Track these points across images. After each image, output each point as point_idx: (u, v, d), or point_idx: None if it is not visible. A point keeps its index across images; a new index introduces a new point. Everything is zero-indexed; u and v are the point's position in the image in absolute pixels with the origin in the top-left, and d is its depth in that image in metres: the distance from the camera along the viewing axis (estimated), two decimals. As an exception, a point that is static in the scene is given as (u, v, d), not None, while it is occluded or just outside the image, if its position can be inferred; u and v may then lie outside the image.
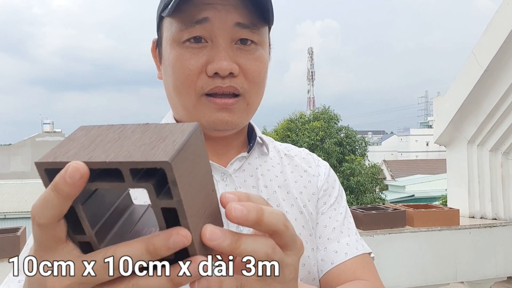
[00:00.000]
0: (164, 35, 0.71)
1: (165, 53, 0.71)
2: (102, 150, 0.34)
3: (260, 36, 0.70)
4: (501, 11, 2.10)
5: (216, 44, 0.67)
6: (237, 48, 0.68)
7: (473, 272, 2.26)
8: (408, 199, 20.31)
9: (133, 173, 0.33)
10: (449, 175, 2.68)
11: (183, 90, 0.69)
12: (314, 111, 18.48)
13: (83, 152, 0.34)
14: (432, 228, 2.20)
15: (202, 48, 0.67)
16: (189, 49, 0.67)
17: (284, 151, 0.87)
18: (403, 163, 32.48)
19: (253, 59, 0.69)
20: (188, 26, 0.66)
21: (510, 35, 2.05)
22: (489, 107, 2.30)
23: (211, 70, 0.66)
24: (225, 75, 0.66)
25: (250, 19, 0.67)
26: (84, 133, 0.38)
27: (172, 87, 0.71)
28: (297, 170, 0.84)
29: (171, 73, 0.69)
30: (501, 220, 2.40)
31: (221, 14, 0.66)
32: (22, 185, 16.97)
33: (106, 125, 0.39)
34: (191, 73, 0.67)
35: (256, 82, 0.70)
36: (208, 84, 0.67)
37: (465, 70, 2.34)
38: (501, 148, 2.44)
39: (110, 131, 0.38)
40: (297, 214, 0.77)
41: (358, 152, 17.37)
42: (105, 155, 0.33)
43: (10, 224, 11.89)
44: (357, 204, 14.58)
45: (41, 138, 25.81)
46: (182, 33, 0.67)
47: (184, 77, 0.68)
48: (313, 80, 61.72)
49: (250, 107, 0.72)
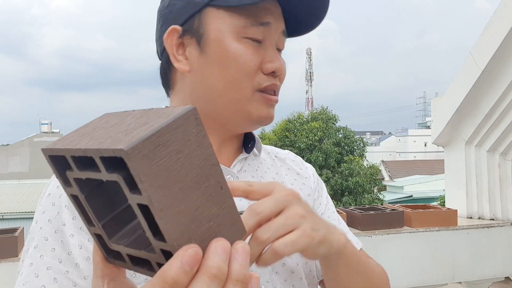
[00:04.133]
0: (213, 25, 0.69)
1: (216, 44, 0.69)
2: (90, 137, 0.33)
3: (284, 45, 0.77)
4: (499, 12, 2.11)
5: (269, 46, 0.71)
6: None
7: (471, 273, 2.26)
8: (406, 199, 20.32)
9: (105, 162, 0.31)
10: (447, 176, 2.68)
11: (241, 84, 0.70)
12: (312, 112, 18.48)
13: (77, 139, 0.34)
14: (430, 228, 2.21)
15: (258, 47, 0.70)
16: (251, 46, 0.70)
17: (274, 153, 0.88)
18: (401, 164, 32.52)
19: (283, 64, 0.74)
20: (253, 24, 0.69)
21: (508, 36, 2.05)
22: (487, 107, 2.31)
23: (269, 69, 0.70)
24: (279, 74, 0.72)
25: (288, 29, 0.75)
26: (99, 120, 0.38)
27: (224, 80, 0.69)
28: (290, 172, 0.85)
29: (228, 65, 0.69)
30: (498, 221, 2.41)
31: (277, 21, 0.71)
32: (20, 186, 16.93)
33: (122, 112, 0.38)
34: (251, 69, 0.70)
35: (281, 84, 0.76)
36: (264, 81, 0.71)
37: (463, 71, 2.35)
38: (499, 148, 2.44)
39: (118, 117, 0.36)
40: None
41: (356, 152, 17.38)
42: (87, 142, 0.32)
43: (8, 225, 11.86)
44: (355, 204, 14.58)
45: (39, 138, 25.76)
46: (247, 29, 0.69)
47: (245, 72, 0.69)
48: (312, 80, 61.72)
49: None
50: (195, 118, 0.33)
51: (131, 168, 0.29)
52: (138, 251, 0.34)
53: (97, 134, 0.33)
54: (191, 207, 0.32)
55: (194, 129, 0.33)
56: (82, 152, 0.31)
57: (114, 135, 0.31)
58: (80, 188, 0.34)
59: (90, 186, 0.35)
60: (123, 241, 0.36)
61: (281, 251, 0.50)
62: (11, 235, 1.77)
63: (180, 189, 0.31)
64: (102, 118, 0.37)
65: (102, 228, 0.35)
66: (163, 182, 0.30)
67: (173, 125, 0.31)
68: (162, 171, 0.30)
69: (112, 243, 0.36)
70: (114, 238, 0.36)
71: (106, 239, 0.36)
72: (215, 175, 0.34)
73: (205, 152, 0.33)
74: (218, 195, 0.34)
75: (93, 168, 0.32)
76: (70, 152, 0.32)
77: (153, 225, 0.31)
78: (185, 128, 0.32)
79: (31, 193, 15.86)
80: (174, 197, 0.31)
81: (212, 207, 0.34)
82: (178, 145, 0.31)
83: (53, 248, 0.62)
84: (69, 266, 0.61)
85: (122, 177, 0.30)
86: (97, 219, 0.35)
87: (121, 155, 0.28)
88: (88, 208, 0.35)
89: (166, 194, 0.30)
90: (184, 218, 0.32)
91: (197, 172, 0.33)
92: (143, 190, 0.29)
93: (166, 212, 0.30)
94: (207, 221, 0.34)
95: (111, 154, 0.29)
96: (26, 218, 14.20)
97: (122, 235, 0.36)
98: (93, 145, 0.31)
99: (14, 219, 14.48)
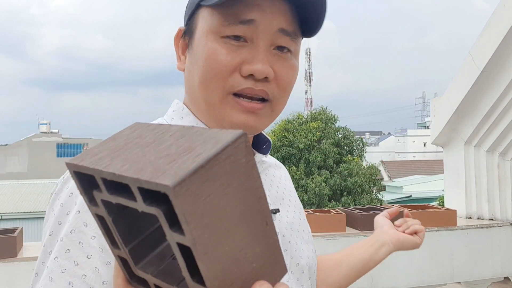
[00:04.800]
0: (199, 25, 0.67)
1: (198, 44, 0.67)
2: (124, 158, 0.30)
3: (296, 46, 0.68)
4: (498, 12, 2.11)
5: (256, 46, 0.64)
6: (274, 54, 0.66)
7: (470, 273, 2.26)
8: (406, 199, 20.34)
9: (144, 193, 0.27)
10: (446, 176, 2.68)
11: (211, 84, 0.65)
12: (311, 112, 18.47)
13: (107, 157, 0.30)
14: (429, 228, 2.21)
15: (240, 46, 0.64)
16: (227, 45, 0.64)
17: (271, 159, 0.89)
18: (400, 164, 32.53)
19: (288, 67, 0.67)
20: (231, 23, 0.63)
21: (507, 37, 2.06)
22: (486, 108, 2.31)
23: (246, 71, 0.64)
24: (260, 78, 0.64)
25: (294, 27, 0.66)
26: (129, 132, 0.34)
27: (198, 80, 0.67)
28: (287, 179, 0.87)
29: (202, 65, 0.66)
30: (497, 221, 2.41)
31: (267, 17, 0.63)
32: (18, 186, 16.90)
33: (155, 124, 0.34)
34: (224, 69, 0.64)
35: (286, 90, 0.69)
36: (239, 83, 0.64)
37: (462, 71, 2.35)
38: (498, 149, 2.44)
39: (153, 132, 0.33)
40: (298, 219, 0.81)
41: (355, 152, 17.37)
42: (121, 165, 0.29)
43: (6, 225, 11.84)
44: (354, 205, 14.59)
45: (38, 138, 25.73)
46: (223, 28, 0.64)
47: (215, 72, 0.64)
48: (311, 80, 61.76)
49: (274, 113, 0.70)
50: (245, 146, 0.29)
51: (176, 206, 0.25)
52: (169, 285, 0.32)
53: (132, 155, 0.30)
54: (235, 248, 0.29)
55: (244, 158, 0.29)
56: (116, 177, 0.28)
57: (154, 161, 0.28)
58: (108, 210, 0.32)
59: (118, 209, 0.32)
60: (150, 269, 0.33)
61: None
62: (9, 235, 1.76)
63: (226, 228, 0.28)
64: (134, 130, 0.34)
65: (128, 253, 0.33)
66: (208, 221, 0.27)
67: (222, 156, 0.27)
68: (208, 209, 0.27)
69: (138, 269, 0.34)
70: (140, 264, 0.34)
71: (132, 264, 0.34)
72: (262, 210, 0.31)
73: (254, 184, 0.30)
74: (263, 233, 0.31)
75: (126, 195, 0.29)
76: (101, 174, 0.29)
77: (191, 264, 0.28)
78: (235, 158, 0.28)
79: (30, 193, 15.83)
80: (219, 238, 0.28)
81: (256, 246, 0.31)
82: (226, 178, 0.28)
83: (68, 249, 0.57)
84: (87, 270, 0.56)
85: (163, 212, 0.27)
86: (124, 243, 0.33)
87: (166, 191, 0.25)
88: (114, 231, 0.33)
89: (211, 236, 0.27)
90: (227, 261, 0.29)
91: (243, 208, 0.29)
92: (187, 232, 0.26)
93: (209, 255, 0.27)
94: (250, 263, 0.30)
95: (154, 188, 0.25)
96: (24, 218, 14.19)
97: (149, 261, 0.34)
98: (130, 172, 0.27)
99: (13, 219, 14.46)
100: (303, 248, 0.76)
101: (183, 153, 0.27)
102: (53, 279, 0.56)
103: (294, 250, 0.74)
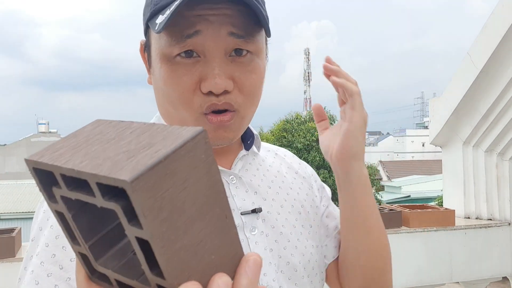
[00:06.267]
0: (152, 45, 0.67)
1: (154, 66, 0.67)
2: (83, 154, 0.30)
3: (255, 45, 0.66)
4: (496, 12, 2.12)
5: (209, 59, 0.63)
6: (231, 61, 0.64)
7: (469, 272, 2.26)
8: (404, 199, 20.36)
9: (102, 188, 0.27)
10: (445, 176, 2.69)
11: (181, 106, 0.65)
12: (310, 112, 18.49)
13: (67, 154, 0.30)
14: (428, 228, 2.21)
15: (194, 63, 0.63)
16: (181, 65, 0.63)
17: (274, 150, 0.88)
18: (399, 164, 32.57)
19: (248, 71, 0.66)
20: (178, 40, 0.62)
21: (505, 37, 2.06)
22: (485, 108, 2.31)
23: (205, 89, 0.63)
24: (219, 93, 0.63)
25: (244, 29, 0.63)
26: (91, 128, 0.34)
27: (167, 102, 0.67)
28: (290, 171, 0.85)
29: (164, 88, 0.66)
30: (496, 221, 2.41)
31: (214, 26, 0.61)
32: (17, 186, 16.89)
33: (116, 121, 0.34)
34: (185, 90, 0.64)
35: (251, 95, 0.67)
36: (204, 101, 0.64)
37: (460, 71, 2.35)
38: (496, 149, 2.45)
39: (114, 128, 0.33)
40: (297, 214, 0.78)
41: (354, 152, 17.36)
42: (80, 161, 0.29)
43: (5, 225, 11.80)
44: (353, 204, 14.57)
45: (37, 138, 25.71)
46: (172, 48, 0.62)
47: (179, 94, 0.64)
48: (310, 81, 61.76)
49: (245, 120, 0.69)
50: (205, 142, 0.29)
51: (134, 201, 0.26)
52: (130, 280, 0.32)
53: (92, 150, 0.30)
54: (193, 241, 0.29)
55: (203, 154, 0.29)
56: (75, 173, 0.28)
57: (113, 157, 0.28)
58: (67, 206, 0.32)
59: (78, 205, 0.32)
60: (111, 264, 0.33)
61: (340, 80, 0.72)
62: (8, 235, 1.76)
63: (184, 222, 0.29)
64: (95, 127, 0.34)
65: (88, 249, 0.33)
66: (166, 215, 0.27)
67: (181, 151, 0.28)
68: (166, 203, 0.27)
69: (99, 265, 0.34)
70: (101, 260, 0.33)
71: (92, 260, 0.34)
72: (221, 204, 0.31)
73: (213, 179, 0.30)
74: (222, 225, 0.32)
75: (85, 190, 0.29)
76: (61, 170, 0.29)
77: (150, 258, 0.29)
78: (194, 153, 0.29)
79: (29, 193, 15.82)
80: (177, 231, 0.28)
81: (214, 238, 0.31)
82: (185, 173, 0.28)
83: (54, 254, 0.60)
84: (71, 273, 0.59)
85: (121, 207, 0.27)
86: (84, 240, 0.33)
87: (123, 186, 0.25)
88: (74, 228, 0.32)
89: (168, 229, 0.28)
90: (186, 254, 0.29)
91: (202, 202, 0.30)
92: (145, 225, 0.26)
93: (168, 248, 0.28)
94: (209, 255, 0.31)
95: (112, 183, 0.26)
96: (23, 218, 14.17)
97: (110, 257, 0.34)
98: (89, 168, 0.27)
99: (12, 219, 14.45)
100: (297, 246, 0.74)
101: (142, 149, 0.28)
102: (39, 282, 0.59)
103: (283, 249, 0.72)
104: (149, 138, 0.29)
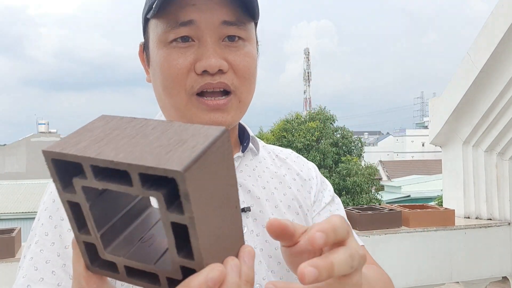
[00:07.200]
0: (150, 37, 0.71)
1: (152, 55, 0.70)
2: (113, 147, 0.31)
3: (247, 32, 0.69)
4: (496, 12, 2.12)
5: (204, 43, 0.66)
6: (225, 46, 0.67)
7: (468, 272, 2.27)
8: (404, 199, 20.36)
9: (143, 178, 0.30)
10: (444, 176, 2.69)
11: (173, 90, 0.68)
12: (310, 112, 18.51)
13: (93, 146, 0.32)
14: (428, 228, 2.21)
15: (189, 47, 0.66)
16: (176, 49, 0.66)
17: (275, 152, 0.88)
18: (399, 164, 32.58)
19: (242, 55, 0.68)
20: (173, 27, 0.66)
21: (505, 36, 2.06)
22: (484, 107, 2.31)
23: (199, 68, 0.65)
24: (214, 72, 0.65)
25: (236, 16, 0.67)
26: (102, 123, 0.36)
27: (161, 88, 0.70)
28: (290, 172, 0.85)
29: (160, 73, 0.69)
30: (496, 221, 2.41)
31: (206, 15, 0.65)
32: (17, 186, 16.88)
33: (128, 117, 0.36)
34: (179, 72, 0.66)
35: (247, 78, 0.69)
36: (197, 82, 0.66)
37: (460, 71, 2.35)
38: (496, 148, 2.45)
39: (130, 125, 0.35)
40: (294, 215, 0.78)
41: (354, 152, 17.40)
42: (115, 153, 0.30)
43: (5, 225, 11.82)
44: (353, 204, 14.60)
45: (36, 138, 25.69)
46: (168, 34, 0.66)
47: (173, 77, 0.67)
48: (309, 80, 61.77)
49: (242, 104, 0.71)
50: (228, 140, 0.33)
51: (183, 189, 0.28)
52: (146, 265, 0.34)
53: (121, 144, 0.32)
54: (216, 226, 0.33)
55: (227, 150, 0.33)
56: (113, 164, 0.29)
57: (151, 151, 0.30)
58: (87, 196, 0.33)
59: (95, 195, 0.34)
60: (122, 252, 0.35)
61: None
62: (8, 235, 1.76)
63: (212, 209, 0.32)
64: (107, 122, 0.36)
65: (100, 238, 0.34)
66: (203, 202, 0.31)
67: (214, 147, 0.31)
68: (204, 192, 0.30)
69: (107, 253, 0.35)
70: (109, 248, 0.35)
71: (101, 249, 0.35)
72: (233, 195, 0.35)
73: (231, 172, 0.34)
74: (233, 215, 0.36)
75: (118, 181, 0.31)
76: (93, 161, 0.30)
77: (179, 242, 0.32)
78: (222, 149, 0.32)
79: (28, 193, 15.81)
80: (208, 217, 0.32)
81: (227, 226, 0.35)
82: (215, 166, 0.32)
83: (53, 242, 0.64)
84: (66, 260, 0.62)
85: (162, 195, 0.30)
86: (97, 228, 0.34)
87: (175, 176, 0.28)
88: (89, 217, 0.34)
89: (203, 214, 0.31)
90: (212, 238, 0.33)
91: (223, 192, 0.34)
92: (187, 211, 0.29)
93: (201, 231, 0.31)
94: (224, 240, 0.35)
95: (161, 173, 0.28)
96: (23, 218, 14.16)
97: (118, 245, 0.36)
98: (129, 159, 0.29)
99: (11, 220, 14.44)
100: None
101: (177, 145, 0.31)
102: (38, 268, 0.62)
103: (275, 249, 0.72)
104: (177, 135, 0.32)
